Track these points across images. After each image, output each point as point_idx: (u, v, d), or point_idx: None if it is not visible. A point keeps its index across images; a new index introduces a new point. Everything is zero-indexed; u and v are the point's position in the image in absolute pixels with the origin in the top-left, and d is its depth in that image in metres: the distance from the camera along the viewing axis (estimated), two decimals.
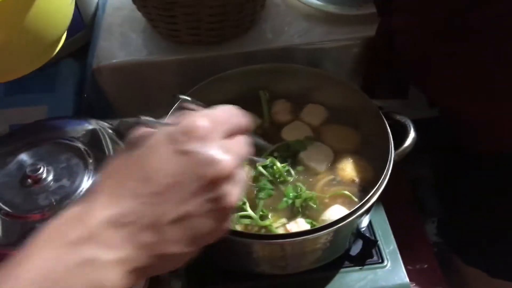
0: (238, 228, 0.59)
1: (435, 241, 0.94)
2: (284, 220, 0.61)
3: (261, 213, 0.62)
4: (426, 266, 0.74)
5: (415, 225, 0.79)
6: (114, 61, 0.86)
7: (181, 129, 0.37)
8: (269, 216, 0.62)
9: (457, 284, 0.92)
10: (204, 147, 0.36)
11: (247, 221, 0.60)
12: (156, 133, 0.38)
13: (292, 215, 0.62)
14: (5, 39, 0.59)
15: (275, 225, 0.60)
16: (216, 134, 0.38)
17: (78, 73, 0.91)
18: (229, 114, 0.40)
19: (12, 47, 0.61)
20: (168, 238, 0.36)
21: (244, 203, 0.61)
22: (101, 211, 0.35)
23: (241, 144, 0.40)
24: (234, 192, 0.38)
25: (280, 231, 0.59)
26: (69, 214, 0.36)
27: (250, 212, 0.60)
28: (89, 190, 0.39)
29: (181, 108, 0.42)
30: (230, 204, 0.38)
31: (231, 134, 0.39)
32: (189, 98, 0.42)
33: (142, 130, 0.39)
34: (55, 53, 0.70)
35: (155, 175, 0.36)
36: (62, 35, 0.69)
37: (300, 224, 0.59)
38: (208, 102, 0.74)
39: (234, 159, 0.38)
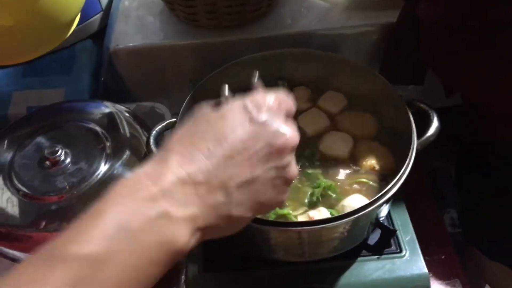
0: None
1: (450, 232, 0.93)
2: (304, 208, 0.61)
3: None
4: (443, 257, 0.73)
5: (433, 216, 0.78)
6: (131, 44, 0.86)
7: (253, 102, 0.41)
8: (287, 205, 0.62)
9: (476, 277, 0.91)
10: (275, 119, 0.41)
11: None
12: (230, 102, 0.42)
13: (311, 204, 0.61)
14: (19, 20, 0.59)
15: (294, 213, 0.60)
16: (281, 111, 0.42)
17: (95, 56, 0.91)
18: (286, 97, 0.44)
19: (26, 29, 0.61)
20: (234, 200, 0.38)
21: None
22: (175, 169, 0.37)
23: (294, 125, 0.44)
24: (294, 165, 0.42)
25: (302, 218, 0.58)
26: (143, 171, 0.38)
27: None
28: (161, 149, 0.40)
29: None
30: (292, 174, 0.42)
31: (287, 115, 0.43)
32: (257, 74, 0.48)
33: (215, 100, 0.44)
34: (68, 35, 0.70)
35: (229, 139, 0.39)
36: (76, 17, 0.68)
37: (322, 213, 0.58)
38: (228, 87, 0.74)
39: (296, 133, 0.42)
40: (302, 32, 0.85)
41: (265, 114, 0.41)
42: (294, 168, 0.42)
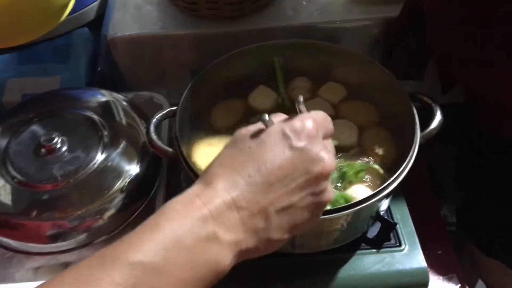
0: None
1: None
2: None
3: None
4: (440, 252, 0.73)
5: (431, 210, 0.77)
6: (129, 33, 0.85)
7: (292, 128, 0.42)
8: None
9: (473, 272, 0.91)
10: (312, 145, 0.41)
11: None
12: (269, 129, 0.43)
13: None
14: (12, 1, 0.57)
15: None
16: (319, 135, 0.43)
17: (92, 44, 0.89)
18: (324, 119, 0.45)
19: (20, 10, 0.59)
20: (274, 225, 0.40)
21: None
22: (222, 193, 0.39)
23: (332, 146, 0.45)
24: (330, 189, 0.43)
25: None
26: (194, 192, 0.40)
27: None
28: (205, 172, 0.43)
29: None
30: (327, 199, 0.43)
31: (326, 136, 0.44)
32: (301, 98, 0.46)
33: (253, 126, 0.44)
34: (63, 19, 0.68)
35: (269, 166, 0.40)
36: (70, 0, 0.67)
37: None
38: (225, 78, 0.73)
39: (333, 158, 0.43)
40: (303, 25, 0.84)
41: (304, 140, 0.41)
42: (329, 193, 0.43)
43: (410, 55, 0.81)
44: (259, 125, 0.44)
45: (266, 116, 0.43)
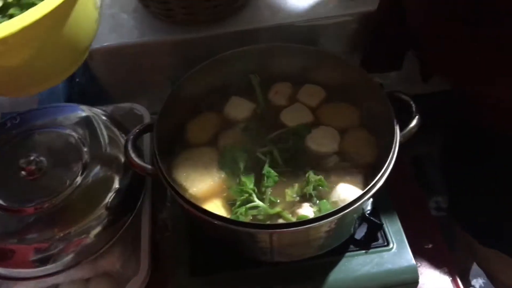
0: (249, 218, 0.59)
1: (435, 216, 0.92)
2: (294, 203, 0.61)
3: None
4: (431, 246, 0.73)
5: (419, 205, 0.78)
6: (105, 44, 0.83)
7: None
8: (278, 202, 0.61)
9: (468, 260, 0.91)
10: None
11: (255, 211, 0.59)
12: None
13: (303, 199, 0.61)
14: (38, 52, 0.55)
15: (286, 211, 0.59)
16: None
17: None
18: None
19: (45, 60, 0.57)
20: None
21: (250, 194, 0.59)
22: None
23: None
24: None
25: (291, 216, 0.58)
26: None
27: (257, 202, 0.59)
28: None
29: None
30: None
31: None
32: None
33: None
34: (84, 58, 0.66)
35: None
36: (91, 41, 0.65)
37: (310, 210, 0.58)
38: (206, 86, 0.73)
39: None
40: (281, 25, 0.83)
41: None
42: None
43: (388, 47, 0.81)
44: None
45: None
